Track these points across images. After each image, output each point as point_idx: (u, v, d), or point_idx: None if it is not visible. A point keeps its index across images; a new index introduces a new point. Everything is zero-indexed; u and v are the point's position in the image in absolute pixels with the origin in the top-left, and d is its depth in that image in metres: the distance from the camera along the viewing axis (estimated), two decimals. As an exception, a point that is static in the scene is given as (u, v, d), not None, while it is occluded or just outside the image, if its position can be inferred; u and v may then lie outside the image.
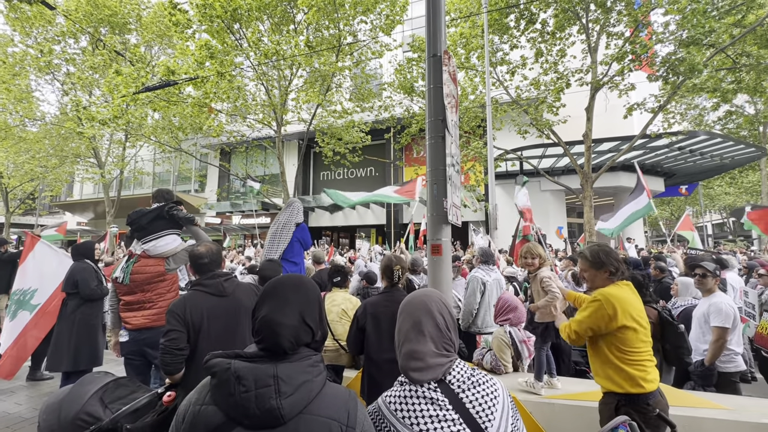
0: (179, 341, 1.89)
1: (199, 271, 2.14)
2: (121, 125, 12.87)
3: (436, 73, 2.69)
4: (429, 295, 1.17)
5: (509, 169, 16.12)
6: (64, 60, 15.99)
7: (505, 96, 12.62)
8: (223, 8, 10.34)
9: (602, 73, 10.44)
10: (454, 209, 2.63)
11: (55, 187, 20.42)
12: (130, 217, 2.90)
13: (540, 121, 11.46)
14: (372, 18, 11.85)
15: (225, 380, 0.86)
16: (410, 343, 1.08)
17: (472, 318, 3.27)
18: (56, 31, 15.51)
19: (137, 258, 2.77)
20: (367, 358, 2.14)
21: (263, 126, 13.65)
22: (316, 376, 0.92)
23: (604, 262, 1.95)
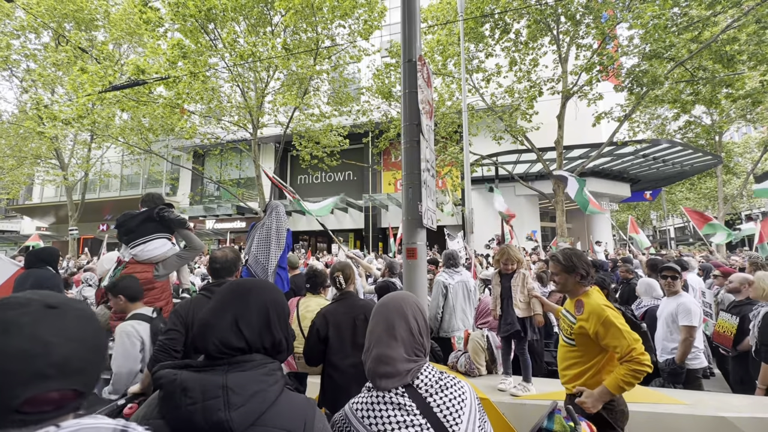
0: (177, 342, 1.83)
1: (213, 274, 2.13)
2: (86, 125, 12.29)
3: (411, 78, 2.72)
4: (405, 299, 1.15)
5: (485, 174, 16.46)
6: (23, 56, 15.15)
7: (480, 103, 12.91)
8: (197, 7, 10.10)
9: (572, 83, 10.87)
10: (429, 213, 2.65)
11: (12, 190, 19.19)
12: (118, 220, 2.77)
13: (514, 128, 11.78)
14: (350, 23, 11.88)
15: (171, 392, 0.81)
16: (381, 346, 1.05)
17: (438, 323, 3.30)
18: (15, 25, 14.66)
19: (125, 265, 2.63)
20: (329, 364, 2.11)
21: (239, 128, 13.37)
22: (272, 385, 0.87)
23: (576, 265, 1.99)
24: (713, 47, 9.01)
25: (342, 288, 2.39)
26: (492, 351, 2.74)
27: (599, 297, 1.95)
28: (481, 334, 2.77)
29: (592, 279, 2.01)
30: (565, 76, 11.01)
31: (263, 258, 3.29)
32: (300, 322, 2.74)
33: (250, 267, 2.97)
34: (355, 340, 2.11)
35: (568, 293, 2.09)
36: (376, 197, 17.70)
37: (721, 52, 8.87)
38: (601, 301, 1.90)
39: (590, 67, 10.06)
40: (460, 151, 12.19)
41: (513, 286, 2.62)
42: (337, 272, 2.39)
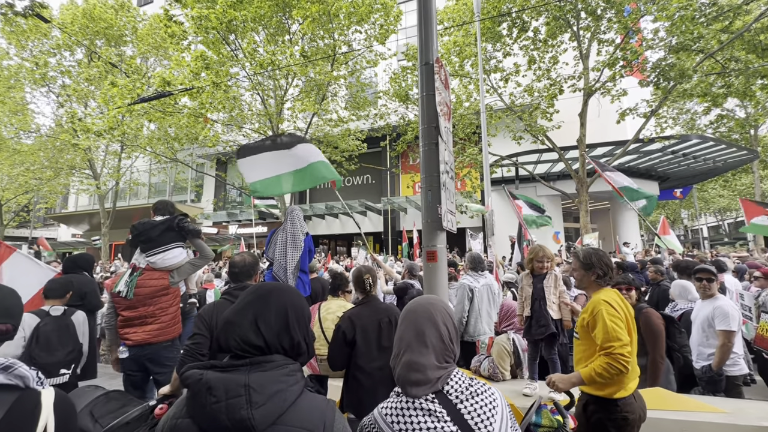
0: (203, 346, 1.88)
1: (232, 279, 2.20)
2: (116, 136, 12.87)
3: (428, 81, 2.72)
4: (434, 304, 1.14)
5: (505, 174, 16.21)
6: (59, 72, 16.04)
7: (499, 103, 12.74)
8: (219, 20, 10.43)
9: (594, 79, 10.58)
10: (448, 215, 2.63)
11: (49, 199, 20.32)
12: (137, 228, 2.84)
13: (534, 127, 11.56)
14: (366, 28, 11.99)
15: (197, 392, 0.85)
16: (411, 353, 1.04)
17: (463, 326, 3.26)
18: (52, 43, 15.56)
19: (141, 271, 2.71)
20: (355, 367, 2.12)
21: (259, 135, 13.68)
22: (291, 385, 0.89)
23: (594, 264, 2.00)
24: (746, 37, 8.59)
25: (369, 291, 2.39)
26: (518, 354, 2.68)
27: (609, 294, 1.94)
28: (506, 337, 2.71)
29: (610, 280, 2.01)
30: (587, 73, 10.73)
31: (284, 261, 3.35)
32: (321, 324, 2.77)
33: (275, 273, 3.03)
34: (380, 342, 2.12)
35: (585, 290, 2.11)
36: (394, 200, 17.71)
37: (755, 42, 8.44)
38: (605, 297, 1.90)
39: (613, 63, 9.77)
40: (478, 153, 12.05)
41: (546, 287, 2.57)
42: (366, 275, 2.39)
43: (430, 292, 2.42)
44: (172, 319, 2.77)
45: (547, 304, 2.52)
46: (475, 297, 3.25)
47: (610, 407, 1.82)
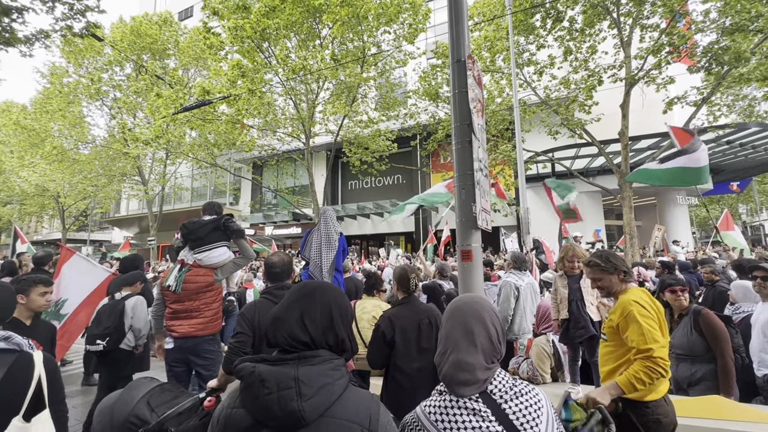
0: (245, 344, 1.96)
1: (272, 278, 2.24)
2: (162, 144, 13.71)
3: (460, 78, 2.69)
4: (481, 304, 1.12)
5: (540, 171, 15.66)
6: (111, 86, 17.31)
7: (533, 97, 12.33)
8: (253, 29, 10.83)
9: (637, 68, 9.98)
10: (483, 214, 2.59)
11: (104, 204, 21.97)
12: (187, 227, 3.00)
13: (571, 121, 11.08)
14: (395, 28, 12.01)
15: (251, 383, 0.89)
16: (460, 352, 1.03)
17: (508, 324, 3.17)
18: (104, 60, 16.83)
19: (189, 267, 2.87)
20: (395, 368, 2.12)
21: (293, 139, 14.07)
22: (337, 379, 0.92)
23: (616, 264, 1.95)
24: (813, 13, 7.77)
25: (412, 291, 2.37)
26: (559, 357, 2.58)
27: (637, 294, 1.87)
28: (545, 339, 2.62)
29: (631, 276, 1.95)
30: (629, 62, 10.13)
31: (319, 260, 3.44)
32: (357, 324, 2.81)
33: (311, 272, 3.11)
34: (420, 344, 2.12)
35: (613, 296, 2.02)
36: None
37: (824, 18, 7.62)
38: (634, 297, 1.83)
39: (658, 49, 9.16)
40: (512, 149, 11.71)
41: (583, 288, 2.46)
42: (412, 274, 2.37)
43: (465, 292, 2.39)
44: (214, 315, 2.92)
45: (586, 306, 2.41)
46: (520, 295, 3.17)
47: (642, 410, 1.76)
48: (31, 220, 31.54)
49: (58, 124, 17.07)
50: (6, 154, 18.98)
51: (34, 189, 19.85)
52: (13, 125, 17.18)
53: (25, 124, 16.92)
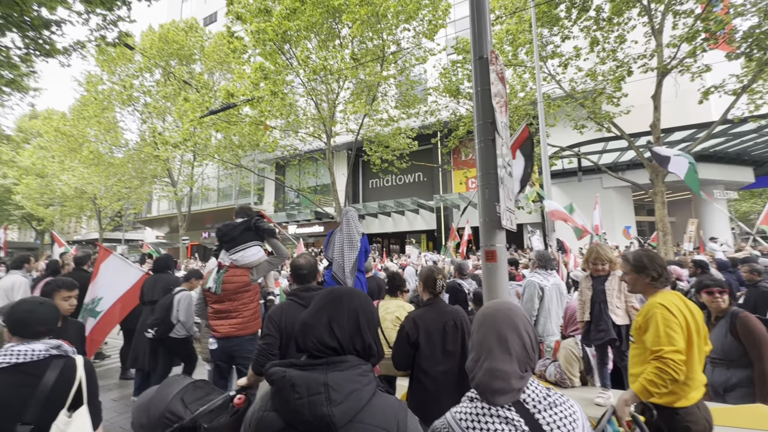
0: (273, 346, 2.02)
1: (298, 280, 2.27)
2: (189, 147, 14.19)
3: (483, 76, 2.64)
4: (514, 311, 1.10)
5: (566, 166, 15.21)
6: (142, 92, 18.05)
7: (557, 90, 11.97)
8: (275, 31, 11.02)
9: (670, 57, 9.51)
10: (507, 213, 2.54)
11: (137, 205, 22.98)
12: (221, 230, 3.12)
13: (599, 114, 10.69)
14: (415, 25, 11.93)
15: (281, 388, 0.91)
16: (494, 360, 1.01)
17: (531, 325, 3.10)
18: (135, 67, 17.57)
19: (226, 269, 2.98)
20: (420, 370, 2.11)
21: (314, 139, 14.24)
22: (365, 385, 0.93)
23: (646, 266, 1.90)
24: None
25: (438, 292, 2.35)
26: (588, 360, 2.50)
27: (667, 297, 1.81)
28: (574, 341, 2.54)
29: (665, 282, 1.89)
30: (660, 50, 9.66)
31: (342, 261, 3.48)
32: (380, 324, 2.82)
33: (334, 273, 3.14)
34: (445, 346, 2.10)
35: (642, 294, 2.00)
36: (447, 197, 17.45)
37: None
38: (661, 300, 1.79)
39: (693, 36, 8.70)
40: (536, 144, 11.44)
41: (608, 290, 2.38)
42: (438, 275, 2.35)
43: (489, 293, 2.36)
44: (253, 314, 3.01)
45: (609, 308, 2.34)
46: (545, 296, 3.11)
47: (671, 416, 1.73)
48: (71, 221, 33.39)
49: (94, 129, 17.98)
50: (48, 159, 20.13)
51: (73, 192, 20.98)
52: (54, 132, 18.22)
53: (64, 130, 17.91)
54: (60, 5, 7.11)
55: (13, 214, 27.03)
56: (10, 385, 1.48)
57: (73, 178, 19.33)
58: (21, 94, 10.23)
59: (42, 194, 23.03)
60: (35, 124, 24.79)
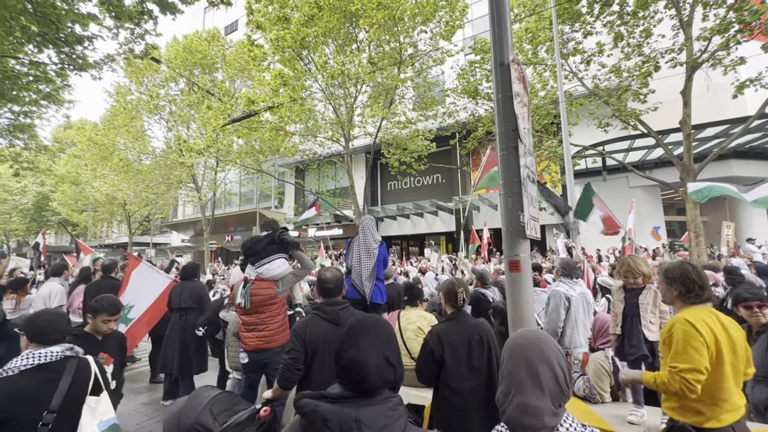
0: (298, 360, 2.03)
1: (324, 294, 2.26)
2: (212, 153, 14.59)
3: (504, 82, 2.60)
4: (545, 341, 1.05)
5: (590, 166, 14.77)
6: (167, 101, 18.70)
7: (580, 88, 11.66)
8: (293, 38, 11.20)
9: (700, 50, 9.10)
10: (531, 222, 2.49)
11: (164, 210, 23.77)
12: (245, 244, 3.19)
13: (624, 112, 10.34)
14: (431, 26, 11.88)
15: (313, 422, 0.91)
16: (525, 395, 0.96)
17: (557, 338, 3.00)
18: (161, 77, 18.21)
19: (252, 282, 3.04)
20: (445, 386, 2.08)
21: (333, 143, 14.38)
22: (396, 419, 0.93)
23: (675, 279, 1.83)
24: None
25: (461, 306, 2.31)
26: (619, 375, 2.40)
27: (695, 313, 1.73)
28: (604, 355, 2.44)
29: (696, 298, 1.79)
30: (690, 44, 9.26)
31: (359, 268, 3.49)
32: (402, 335, 2.81)
33: (353, 281, 3.16)
34: (471, 362, 2.06)
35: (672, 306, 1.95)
36: (466, 199, 17.26)
37: None
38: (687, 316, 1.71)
39: (725, 28, 8.29)
40: (558, 144, 11.17)
41: (642, 304, 2.28)
42: (460, 288, 2.31)
43: (514, 305, 2.31)
44: (279, 327, 3.05)
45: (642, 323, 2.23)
46: (571, 306, 2.98)
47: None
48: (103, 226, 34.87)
49: (123, 138, 18.74)
50: (82, 167, 21.11)
51: (104, 198, 21.91)
52: (86, 141, 19.09)
53: (96, 139, 18.74)
54: (92, 21, 7.47)
55: (51, 220, 28.47)
56: (36, 382, 1.77)
57: (105, 185, 20.19)
58: (57, 107, 10.82)
59: (76, 200, 24.16)
60: (69, 134, 26.09)
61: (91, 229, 31.05)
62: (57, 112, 25.29)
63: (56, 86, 9.55)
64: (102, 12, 6.91)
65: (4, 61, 8.04)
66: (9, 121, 11.19)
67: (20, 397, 1.70)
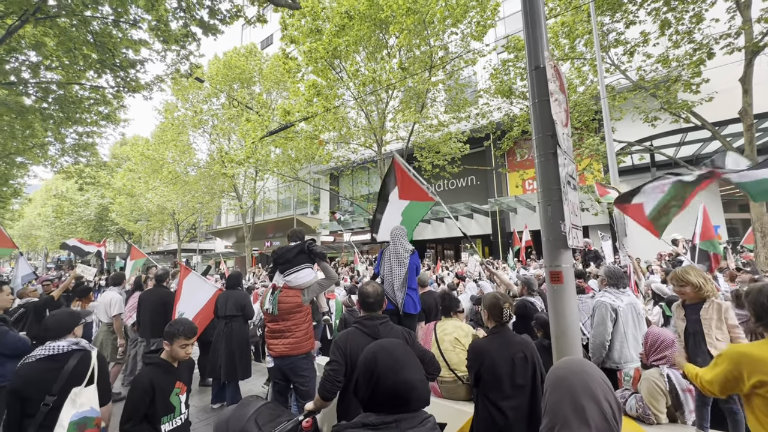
0: (339, 372, 2.07)
1: (365, 308, 2.29)
2: (252, 163, 15.25)
3: (540, 87, 2.51)
4: (590, 374, 0.99)
5: (636, 162, 13.90)
6: (210, 115, 19.80)
7: (623, 81, 11.03)
8: (325, 49, 11.50)
9: (761, 33, 8.32)
10: (573, 231, 2.38)
11: (208, 218, 25.14)
12: (276, 253, 3.33)
13: (674, 104, 9.65)
14: (462, 27, 11.74)
15: None
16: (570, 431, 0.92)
17: (605, 351, 2.82)
18: (204, 94, 19.32)
19: (280, 290, 3.16)
20: (487, 400, 2.03)
21: (365, 149, 14.55)
22: None
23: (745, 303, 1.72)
24: None
25: (505, 322, 2.25)
26: (677, 395, 2.21)
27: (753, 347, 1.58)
28: (658, 372, 2.26)
29: None
30: (749, 27, 8.48)
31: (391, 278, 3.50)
32: (439, 346, 2.78)
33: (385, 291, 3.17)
34: (514, 380, 2.00)
35: None
36: (502, 201, 16.81)
37: None
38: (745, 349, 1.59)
39: (791, 7, 7.54)
40: (600, 142, 10.60)
41: (704, 320, 2.09)
42: (505, 303, 2.24)
43: (556, 318, 2.21)
44: (305, 335, 3.13)
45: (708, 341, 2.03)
46: (619, 318, 2.80)
47: None
48: (155, 234, 37.42)
49: (171, 152, 20.07)
50: (136, 180, 22.80)
51: (156, 208, 23.51)
52: (140, 156, 20.63)
53: (148, 154, 20.21)
54: (143, 46, 8.10)
55: (110, 229, 30.99)
56: (44, 369, 2.09)
57: (156, 196, 21.67)
58: (114, 126, 11.78)
59: (132, 211, 26.10)
60: (125, 150, 28.28)
61: (144, 237, 33.36)
62: (114, 131, 27.58)
63: (113, 107, 10.43)
64: (152, 37, 7.48)
65: (69, 87, 8.90)
66: (74, 141, 12.34)
67: (32, 380, 2.06)
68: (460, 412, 2.51)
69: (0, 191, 15.88)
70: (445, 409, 2.53)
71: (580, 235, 2.45)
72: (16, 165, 14.23)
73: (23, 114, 8.76)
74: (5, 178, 15.18)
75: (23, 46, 7.48)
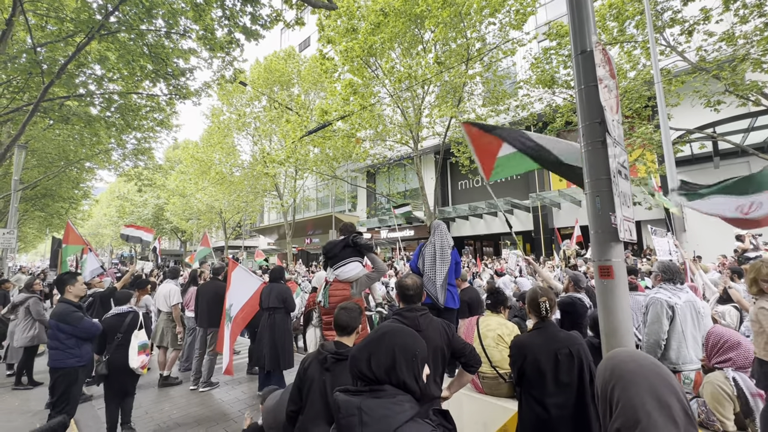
0: None
1: (405, 300, 2.31)
2: (292, 162, 15.77)
3: (586, 72, 2.38)
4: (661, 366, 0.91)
5: (695, 152, 12.78)
6: (252, 118, 20.70)
7: (680, 63, 10.16)
8: (361, 48, 11.61)
9: None
10: (625, 223, 2.25)
11: (252, 216, 26.32)
12: (325, 248, 3.45)
13: (742, 85, 8.75)
14: (500, 17, 11.37)
15: (335, 408, 1.10)
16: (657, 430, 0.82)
17: (661, 350, 2.62)
18: (247, 97, 20.22)
19: (331, 283, 3.27)
20: (531, 396, 1.98)
21: (401, 145, 14.55)
22: (398, 413, 1.03)
23: None
24: None
25: (546, 316, 2.18)
26: (746, 400, 2.02)
27: None
28: (723, 376, 2.08)
29: None
30: (835, -7, 7.51)
31: (433, 275, 3.48)
32: (482, 342, 2.74)
33: (425, 286, 3.17)
34: (558, 377, 1.94)
35: None
36: (544, 195, 16.14)
37: None
38: None
39: None
40: (654, 130, 9.85)
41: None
42: (542, 297, 2.17)
43: (606, 315, 2.10)
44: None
45: None
46: (676, 316, 2.61)
47: None
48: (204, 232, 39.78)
49: (218, 154, 21.23)
50: (187, 182, 24.37)
51: (205, 207, 25.00)
52: (190, 158, 22.02)
53: (197, 156, 21.52)
54: (192, 55, 8.64)
55: (165, 228, 33.41)
56: (115, 321, 3.73)
57: (205, 196, 23.03)
58: (167, 131, 12.67)
59: (184, 210, 27.94)
60: (177, 154, 30.32)
61: (195, 234, 35.58)
62: (167, 136, 29.56)
63: (167, 114, 11.21)
64: (199, 45, 7.95)
65: (129, 96, 9.68)
66: (133, 146, 13.42)
67: (109, 326, 3.70)
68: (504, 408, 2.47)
69: (72, 194, 17.64)
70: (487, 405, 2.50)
71: (632, 228, 2.30)
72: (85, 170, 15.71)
73: (91, 123, 9.63)
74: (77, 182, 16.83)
75: (89, 60, 8.22)
